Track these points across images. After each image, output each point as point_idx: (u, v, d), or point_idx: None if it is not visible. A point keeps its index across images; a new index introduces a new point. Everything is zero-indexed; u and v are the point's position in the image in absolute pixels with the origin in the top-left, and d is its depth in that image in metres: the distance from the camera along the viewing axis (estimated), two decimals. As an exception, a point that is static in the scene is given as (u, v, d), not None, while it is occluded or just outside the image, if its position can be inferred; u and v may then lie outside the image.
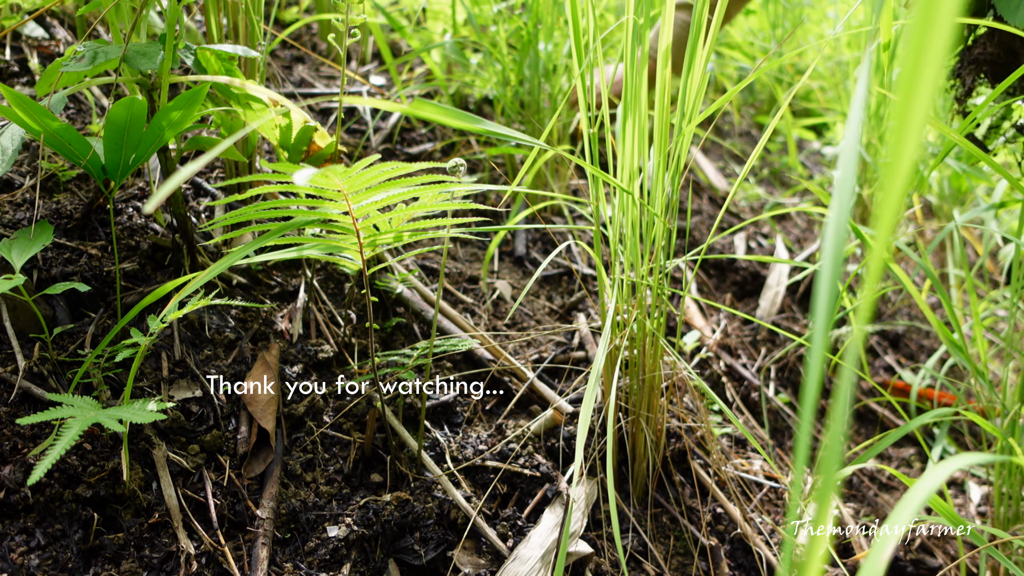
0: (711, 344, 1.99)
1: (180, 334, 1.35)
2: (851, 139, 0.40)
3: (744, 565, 1.44)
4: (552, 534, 1.26)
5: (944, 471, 0.55)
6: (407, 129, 2.33)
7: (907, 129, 0.36)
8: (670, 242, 1.31)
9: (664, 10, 1.15)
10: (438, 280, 1.55)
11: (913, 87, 0.35)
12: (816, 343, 0.38)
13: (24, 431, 1.12)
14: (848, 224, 0.99)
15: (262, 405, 1.30)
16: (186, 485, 1.18)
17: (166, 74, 1.25)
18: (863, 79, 0.45)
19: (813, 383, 0.37)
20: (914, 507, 0.49)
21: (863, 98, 0.43)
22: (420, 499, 1.25)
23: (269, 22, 1.83)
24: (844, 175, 0.39)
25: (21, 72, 1.71)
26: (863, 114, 2.67)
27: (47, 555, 1.02)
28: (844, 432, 2.05)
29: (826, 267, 0.38)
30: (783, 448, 1.89)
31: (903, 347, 2.57)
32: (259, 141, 1.65)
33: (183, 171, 0.55)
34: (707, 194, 2.79)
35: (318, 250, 1.17)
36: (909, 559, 1.68)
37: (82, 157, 1.18)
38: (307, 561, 1.16)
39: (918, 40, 0.35)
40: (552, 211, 2.18)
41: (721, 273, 2.42)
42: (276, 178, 0.97)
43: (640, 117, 1.22)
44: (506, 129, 0.85)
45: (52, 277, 1.30)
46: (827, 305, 0.37)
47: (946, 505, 1.04)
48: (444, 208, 1.11)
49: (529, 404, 1.55)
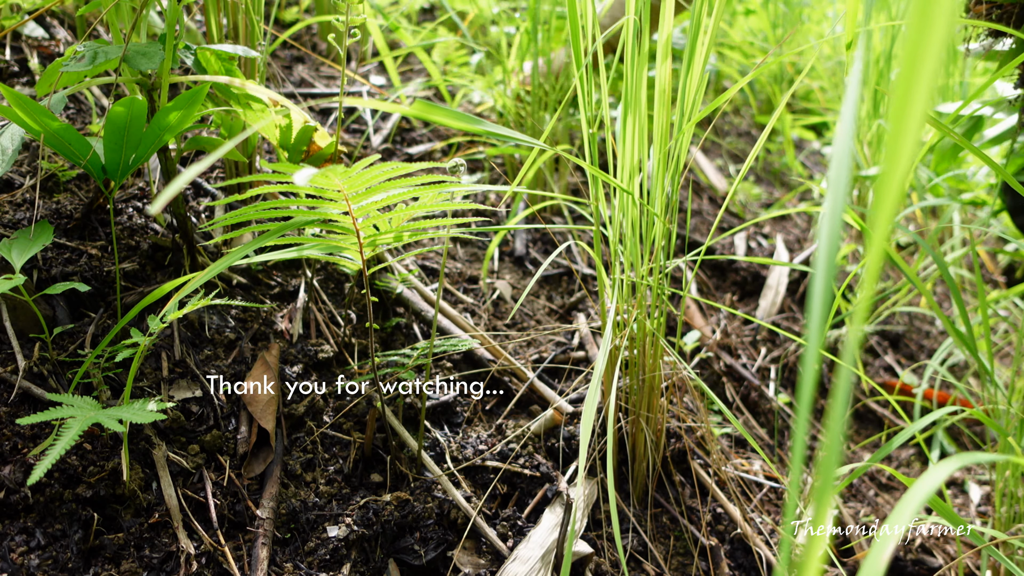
0: (711, 344, 1.99)
1: (180, 334, 1.35)
2: (844, 137, 0.40)
3: (744, 565, 1.44)
4: (552, 534, 1.26)
5: (944, 471, 0.55)
6: (407, 129, 2.33)
7: (905, 129, 0.36)
8: (670, 242, 1.31)
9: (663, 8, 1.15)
10: (438, 280, 1.55)
11: (911, 87, 0.35)
12: (811, 342, 0.38)
13: (24, 431, 1.12)
14: (842, 222, 0.99)
15: (262, 405, 1.30)
16: (186, 485, 1.18)
17: (166, 74, 1.25)
18: (855, 76, 0.45)
19: (808, 382, 0.37)
20: (914, 507, 0.49)
21: (855, 96, 0.43)
22: (420, 499, 1.25)
23: (269, 22, 1.83)
24: (837, 173, 0.39)
25: (21, 72, 1.71)
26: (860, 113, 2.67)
27: (47, 555, 1.02)
28: (844, 432, 2.05)
29: (821, 264, 0.38)
30: (783, 448, 1.89)
31: (903, 347, 2.57)
32: (259, 141, 1.65)
33: (185, 174, 0.55)
34: (707, 194, 2.79)
35: (318, 250, 1.17)
36: (910, 559, 1.68)
37: (82, 157, 1.18)
38: (307, 561, 1.16)
39: (916, 40, 0.35)
40: (552, 211, 2.18)
41: (721, 273, 2.42)
42: (276, 178, 0.97)
43: (640, 117, 1.22)
44: (505, 129, 0.85)
45: (52, 277, 1.30)
46: (822, 303, 0.38)
47: (946, 505, 1.04)
48: (444, 208, 1.11)
49: (529, 404, 1.55)
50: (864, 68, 2.49)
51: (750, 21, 3.76)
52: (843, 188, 0.38)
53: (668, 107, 1.21)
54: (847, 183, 0.39)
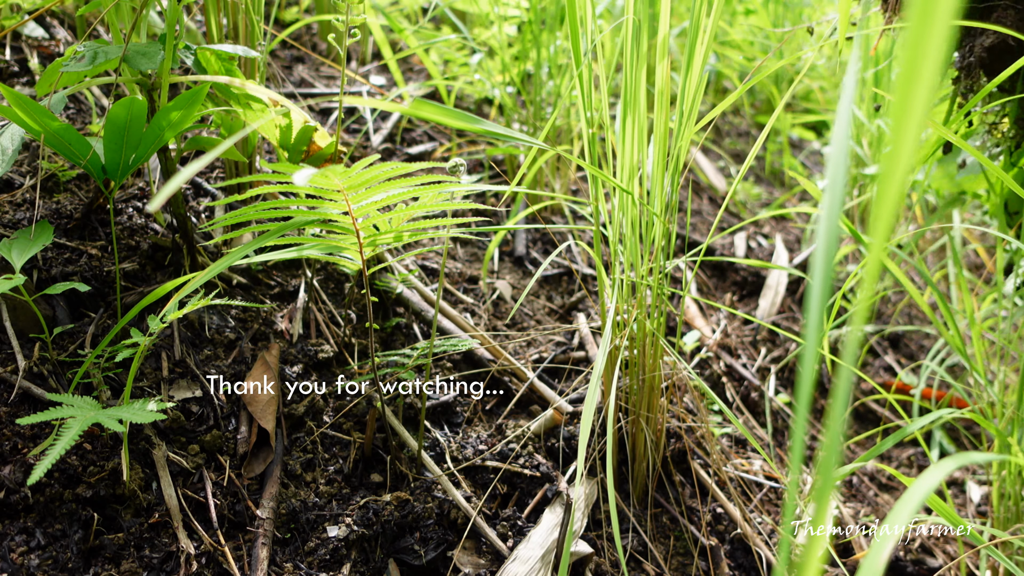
0: (711, 344, 1.99)
1: (180, 334, 1.35)
2: (840, 137, 0.40)
3: (744, 565, 1.44)
4: (552, 534, 1.26)
5: (942, 471, 0.55)
6: (407, 129, 2.33)
7: (905, 130, 0.36)
8: (670, 242, 1.31)
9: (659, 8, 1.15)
10: (438, 280, 1.55)
11: (911, 87, 0.36)
12: (809, 341, 0.38)
13: (24, 431, 1.12)
14: (841, 222, 0.99)
15: (262, 405, 1.30)
16: (186, 485, 1.19)
17: (166, 74, 1.25)
18: (851, 77, 0.45)
19: (807, 381, 0.37)
20: (913, 506, 0.49)
21: (851, 95, 0.43)
22: (420, 499, 1.25)
23: (269, 22, 1.83)
24: (834, 173, 0.39)
25: (21, 72, 1.71)
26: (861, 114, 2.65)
27: (47, 555, 1.02)
28: (843, 432, 2.05)
29: (819, 266, 0.38)
30: (783, 448, 1.89)
31: (903, 347, 2.57)
32: (259, 141, 1.65)
33: (184, 171, 0.55)
34: (707, 194, 2.79)
35: (318, 250, 1.17)
36: (910, 559, 1.68)
37: (82, 157, 1.18)
38: (307, 561, 1.16)
39: (916, 40, 0.35)
40: (552, 211, 2.18)
41: (721, 273, 2.42)
42: (276, 178, 0.97)
43: (639, 117, 1.22)
44: (505, 129, 0.85)
45: (52, 277, 1.30)
46: (820, 303, 0.38)
47: (945, 505, 1.04)
48: (444, 208, 1.11)
49: (529, 404, 1.55)
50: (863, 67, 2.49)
51: (750, 20, 3.75)
52: (840, 187, 0.38)
53: (667, 107, 1.21)
54: (843, 187, 0.39)
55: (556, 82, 2.22)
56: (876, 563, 0.43)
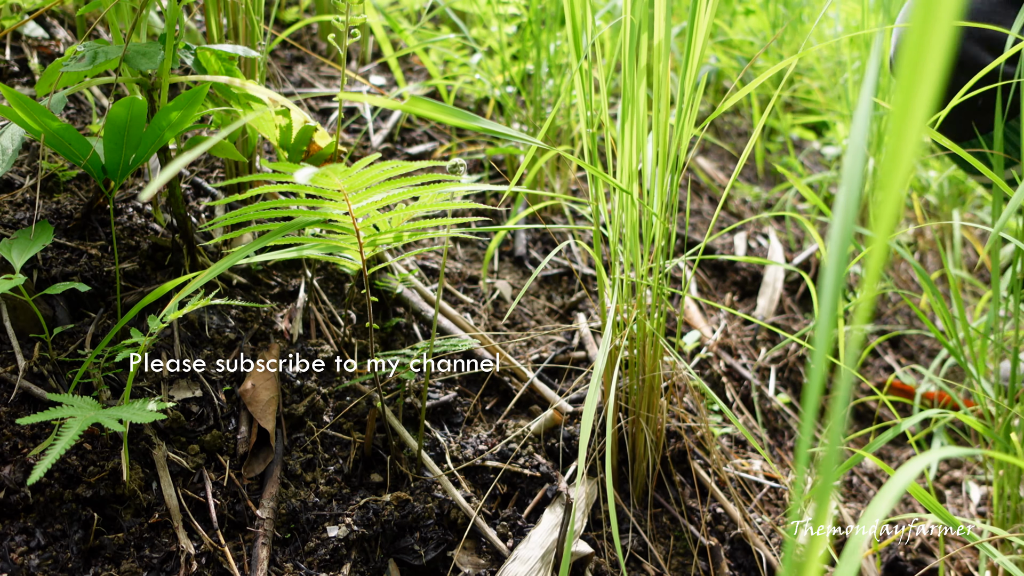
0: (711, 344, 1.99)
1: (180, 334, 1.35)
2: (858, 136, 0.40)
3: (744, 565, 1.44)
4: (552, 534, 1.27)
5: (922, 461, 0.56)
6: (407, 129, 2.33)
7: (906, 130, 0.36)
8: (670, 242, 1.31)
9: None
10: (438, 280, 1.55)
11: (912, 88, 0.36)
12: (819, 341, 0.38)
13: (24, 431, 1.12)
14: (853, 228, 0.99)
15: (262, 405, 1.30)
16: (186, 485, 1.18)
17: (166, 74, 1.25)
18: (871, 76, 0.45)
19: (816, 382, 0.37)
20: (893, 495, 0.50)
21: (871, 93, 0.43)
22: (420, 499, 1.25)
23: (269, 22, 1.83)
24: (850, 173, 0.39)
25: (21, 72, 1.71)
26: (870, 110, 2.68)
27: (47, 555, 1.02)
28: (843, 432, 2.05)
29: (831, 265, 0.38)
30: (783, 448, 1.90)
31: (903, 347, 2.57)
32: (259, 141, 1.65)
33: (178, 161, 0.55)
34: (707, 194, 2.80)
35: (318, 250, 1.17)
36: (909, 559, 1.68)
37: (82, 157, 1.18)
38: (307, 561, 1.16)
39: (916, 41, 0.35)
40: (552, 210, 2.18)
41: (721, 273, 2.42)
42: (276, 178, 0.97)
43: (638, 117, 1.22)
44: (504, 128, 0.85)
45: (52, 277, 1.30)
46: (831, 302, 0.38)
47: (940, 506, 1.04)
48: (444, 208, 1.11)
49: (529, 404, 1.55)
50: (862, 68, 2.49)
51: (750, 21, 3.76)
52: (855, 187, 0.38)
53: (667, 107, 1.21)
54: (858, 183, 0.39)
55: (556, 82, 2.22)
56: (855, 553, 0.44)
